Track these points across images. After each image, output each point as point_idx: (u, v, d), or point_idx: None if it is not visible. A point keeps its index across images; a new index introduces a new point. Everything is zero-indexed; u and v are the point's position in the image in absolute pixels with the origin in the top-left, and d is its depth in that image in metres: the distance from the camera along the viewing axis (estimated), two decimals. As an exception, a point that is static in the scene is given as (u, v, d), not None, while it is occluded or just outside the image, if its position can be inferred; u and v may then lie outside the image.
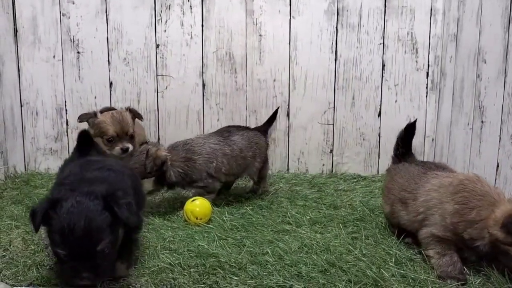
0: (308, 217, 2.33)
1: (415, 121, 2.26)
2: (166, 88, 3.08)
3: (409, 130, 2.24)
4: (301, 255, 1.88)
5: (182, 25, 3.02)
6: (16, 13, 2.97)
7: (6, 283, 1.64)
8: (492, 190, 1.73)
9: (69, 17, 2.99)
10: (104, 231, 1.49)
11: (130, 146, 2.56)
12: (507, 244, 1.60)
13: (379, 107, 3.11)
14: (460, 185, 1.77)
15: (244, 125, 3.02)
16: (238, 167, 2.57)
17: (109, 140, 2.53)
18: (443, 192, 1.80)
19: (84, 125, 2.61)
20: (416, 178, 1.98)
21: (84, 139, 2.05)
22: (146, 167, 2.33)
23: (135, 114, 2.66)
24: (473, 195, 1.72)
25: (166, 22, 3.01)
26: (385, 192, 2.17)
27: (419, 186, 1.92)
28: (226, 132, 2.64)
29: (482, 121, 2.43)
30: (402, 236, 2.02)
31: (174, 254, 1.88)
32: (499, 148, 2.26)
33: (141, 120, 2.76)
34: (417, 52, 3.04)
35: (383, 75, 3.08)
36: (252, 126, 3.10)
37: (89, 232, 1.46)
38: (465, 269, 1.75)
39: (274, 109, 3.08)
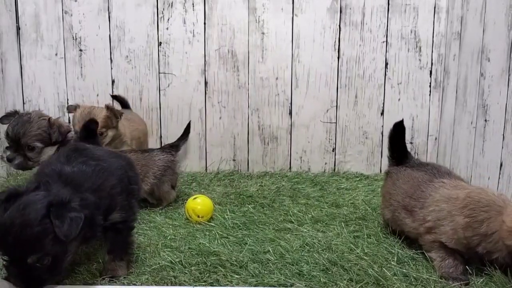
0: (310, 215, 2.33)
1: (402, 120, 2.18)
2: (168, 86, 3.08)
3: (398, 129, 2.16)
4: (302, 254, 1.87)
5: (184, 23, 3.01)
6: (19, 11, 2.97)
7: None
8: (497, 198, 1.70)
9: (71, 15, 2.99)
10: (38, 244, 1.37)
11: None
12: None
13: (382, 105, 3.09)
14: (467, 198, 1.72)
15: (247, 123, 3.06)
16: None
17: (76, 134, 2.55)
18: (453, 204, 1.75)
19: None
20: (422, 186, 1.91)
21: (89, 129, 2.03)
22: (51, 136, 2.34)
23: (114, 112, 2.60)
24: (480, 207, 1.68)
25: (168, 20, 3.01)
26: (385, 197, 2.10)
27: (427, 194, 1.87)
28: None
29: (485, 120, 2.41)
30: (404, 235, 2.01)
31: (175, 252, 1.87)
32: (502, 147, 2.24)
33: (119, 118, 2.63)
34: (420, 51, 3.03)
35: (386, 73, 3.06)
36: (254, 124, 3.11)
37: (19, 242, 1.36)
38: (468, 269, 1.74)
39: (277, 107, 3.07)
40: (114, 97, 3.00)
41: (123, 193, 1.68)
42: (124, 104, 3.01)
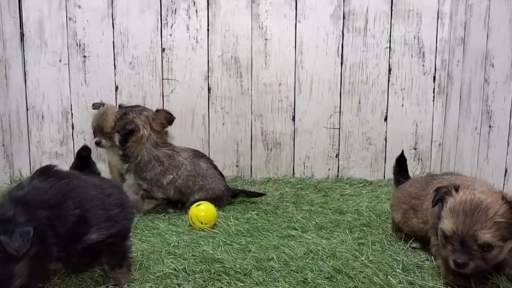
0: (314, 222, 2.32)
1: (402, 152, 2.44)
2: (172, 92, 3.08)
3: (400, 161, 2.41)
4: (307, 261, 1.86)
5: (188, 29, 3.02)
6: (23, 17, 2.98)
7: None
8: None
9: (75, 21, 3.00)
10: None
11: (103, 141, 2.72)
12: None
13: (386, 111, 3.09)
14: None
15: (250, 129, 3.07)
16: (186, 189, 2.53)
17: (93, 132, 2.79)
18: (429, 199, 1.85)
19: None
20: (423, 185, 2.01)
21: (83, 156, 1.97)
22: (115, 124, 2.47)
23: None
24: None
25: (172, 26, 3.01)
26: (394, 202, 2.17)
27: (426, 193, 1.93)
28: (200, 154, 2.67)
29: (490, 126, 2.40)
30: (410, 242, 2.00)
31: (179, 259, 1.87)
32: (507, 153, 2.23)
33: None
34: (424, 56, 3.02)
35: (390, 79, 3.06)
36: (257, 130, 3.11)
37: None
38: (473, 278, 1.72)
39: (280, 113, 3.08)
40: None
41: (97, 210, 1.57)
42: None
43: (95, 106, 2.85)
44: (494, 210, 1.51)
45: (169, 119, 2.52)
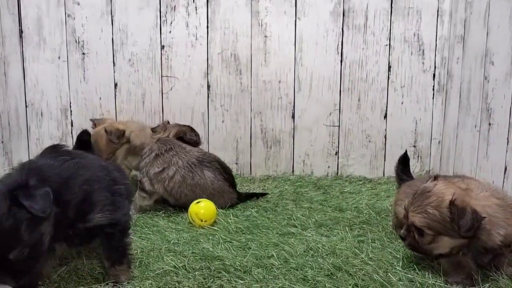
0: (314, 219, 2.32)
1: (406, 152, 2.46)
2: (171, 89, 3.07)
3: (404, 160, 2.42)
4: (306, 259, 1.86)
5: (187, 26, 3.01)
6: (22, 14, 2.97)
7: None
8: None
9: (74, 18, 2.99)
10: (15, 238, 1.32)
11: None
12: None
13: (385, 108, 3.09)
14: None
15: (250, 127, 3.09)
16: (183, 196, 2.43)
17: None
18: None
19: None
20: None
21: (83, 140, 2.00)
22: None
23: (109, 135, 2.70)
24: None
25: (171, 23, 3.01)
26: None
27: None
28: (208, 163, 2.51)
29: (489, 124, 2.40)
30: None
31: (179, 257, 1.87)
32: (507, 151, 2.23)
33: (114, 143, 2.71)
34: (423, 54, 3.02)
35: (389, 76, 3.06)
36: (257, 128, 3.10)
37: None
38: (474, 275, 1.72)
39: (280, 110, 3.07)
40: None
41: (103, 191, 1.60)
42: None
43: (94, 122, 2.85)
44: (431, 200, 1.66)
45: (190, 140, 2.62)
